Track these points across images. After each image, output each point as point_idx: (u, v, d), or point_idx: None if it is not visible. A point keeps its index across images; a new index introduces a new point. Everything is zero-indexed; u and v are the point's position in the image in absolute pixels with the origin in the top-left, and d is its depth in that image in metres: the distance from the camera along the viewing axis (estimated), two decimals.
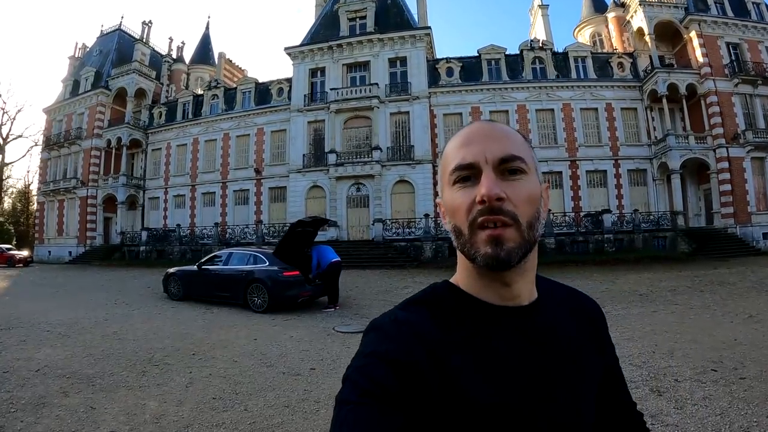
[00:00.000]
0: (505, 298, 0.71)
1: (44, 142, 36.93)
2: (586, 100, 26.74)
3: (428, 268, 19.02)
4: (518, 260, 0.65)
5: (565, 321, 0.78)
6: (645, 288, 11.24)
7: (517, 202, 0.64)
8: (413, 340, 0.65)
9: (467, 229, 0.66)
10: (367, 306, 9.90)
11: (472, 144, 0.68)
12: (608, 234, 21.69)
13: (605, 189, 26.08)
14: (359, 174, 25.21)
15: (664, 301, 9.32)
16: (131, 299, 11.55)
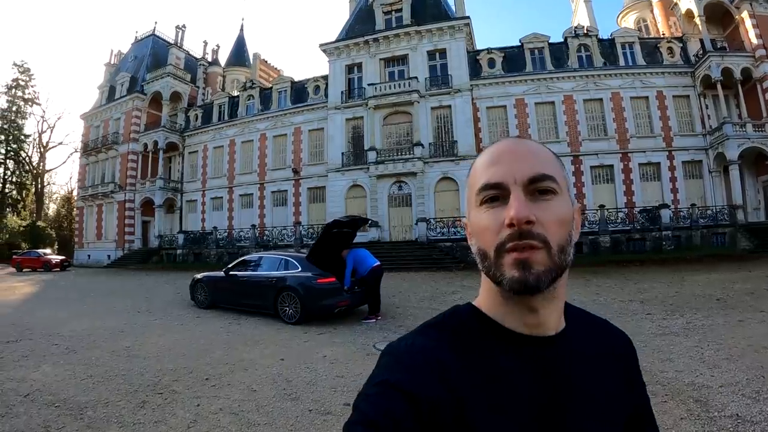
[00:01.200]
0: (531, 326, 0.66)
1: (82, 148, 37.10)
2: (636, 88, 24.95)
3: (476, 270, 17.33)
4: (547, 285, 0.60)
5: (592, 355, 0.72)
6: (719, 291, 9.91)
7: (548, 224, 0.61)
8: (428, 370, 0.61)
9: (493, 252, 0.62)
10: (412, 316, 8.74)
11: (500, 162, 0.65)
12: (666, 231, 20.00)
13: (659, 182, 24.26)
14: (400, 172, 24.01)
15: (746, 307, 8.04)
16: (156, 307, 10.84)
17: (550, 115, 25.08)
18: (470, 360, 0.63)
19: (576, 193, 23.98)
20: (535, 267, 0.59)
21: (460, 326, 0.70)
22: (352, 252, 8.68)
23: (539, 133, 24.78)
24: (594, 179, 24.41)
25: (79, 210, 36.80)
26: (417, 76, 24.89)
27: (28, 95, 49.42)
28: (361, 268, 8.45)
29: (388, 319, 8.42)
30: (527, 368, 0.64)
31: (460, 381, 0.61)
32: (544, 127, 25.07)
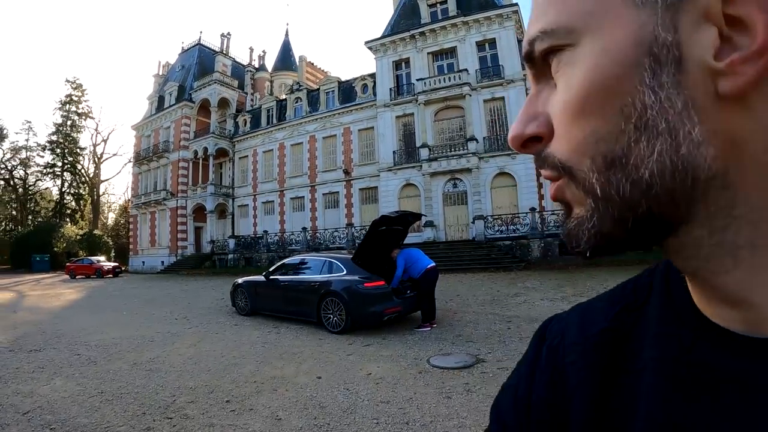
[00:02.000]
0: (739, 321, 0.31)
1: (134, 157, 38.00)
2: None
3: (538, 269, 16.55)
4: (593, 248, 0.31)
5: None
6: None
7: (560, 125, 0.31)
8: (563, 374, 0.41)
9: None
10: (472, 322, 7.77)
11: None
12: None
13: None
14: (455, 168, 22.99)
15: None
16: (195, 313, 10.38)
17: None
18: (641, 366, 0.35)
19: None
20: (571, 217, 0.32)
21: (643, 304, 0.39)
22: (404, 252, 7.79)
23: None
24: None
25: (133, 218, 37.74)
26: (467, 68, 23.81)
27: (81, 110, 51.56)
28: (413, 270, 7.57)
29: (444, 326, 7.51)
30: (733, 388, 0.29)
31: (616, 399, 0.36)
32: None
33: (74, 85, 51.74)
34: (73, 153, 50.65)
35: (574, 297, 9.67)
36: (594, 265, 16.02)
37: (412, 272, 7.53)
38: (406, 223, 8.24)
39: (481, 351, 5.71)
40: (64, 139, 50.08)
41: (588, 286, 11.15)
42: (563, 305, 8.76)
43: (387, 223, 7.64)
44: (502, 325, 7.34)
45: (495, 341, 6.22)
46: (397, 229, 8.12)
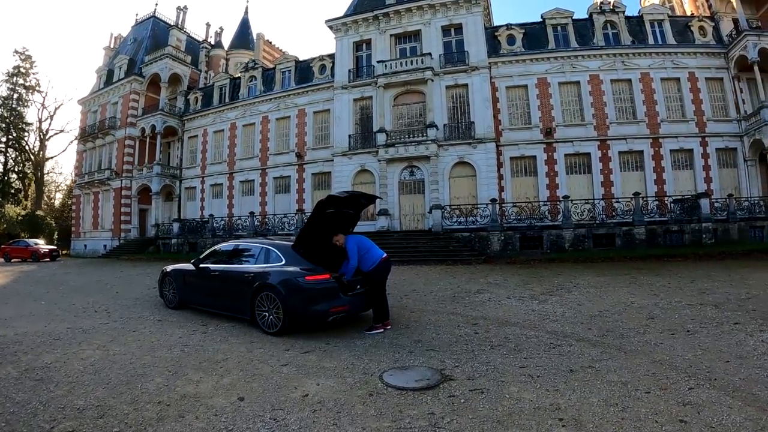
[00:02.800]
0: None
1: (79, 134, 35.25)
2: (667, 69, 22.60)
3: (498, 263, 15.57)
4: None
5: None
6: None
7: None
8: None
9: None
10: (433, 324, 6.52)
11: None
12: (706, 223, 17.53)
13: (691, 171, 22.04)
14: (413, 155, 21.78)
15: None
16: (120, 305, 8.96)
17: (575, 96, 22.70)
18: None
19: (603, 180, 21.70)
20: None
21: None
22: (355, 238, 6.42)
23: (564, 116, 22.45)
24: (623, 166, 22.12)
25: (76, 198, 34.94)
26: (431, 53, 22.65)
27: (29, 83, 47.64)
28: (365, 261, 6.28)
29: (400, 328, 6.26)
30: None
31: None
32: (569, 109, 22.73)
33: (23, 56, 47.74)
34: (18, 128, 46.78)
35: (543, 296, 8.62)
36: (557, 261, 15.24)
37: (364, 263, 6.26)
38: (358, 206, 6.95)
39: (447, 364, 4.52)
40: (10, 113, 46.14)
41: (556, 283, 10.16)
42: (533, 305, 7.73)
43: (335, 205, 6.32)
44: (467, 328, 6.15)
45: (462, 350, 5.05)
46: (347, 212, 6.78)
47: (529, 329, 5.93)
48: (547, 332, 5.73)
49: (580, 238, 17.46)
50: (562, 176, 21.97)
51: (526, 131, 22.49)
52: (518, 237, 17.78)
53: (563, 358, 4.52)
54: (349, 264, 6.14)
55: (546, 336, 5.53)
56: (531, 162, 22.29)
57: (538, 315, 6.84)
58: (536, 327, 6.05)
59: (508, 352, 4.87)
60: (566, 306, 7.46)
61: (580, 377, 3.90)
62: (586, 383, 3.74)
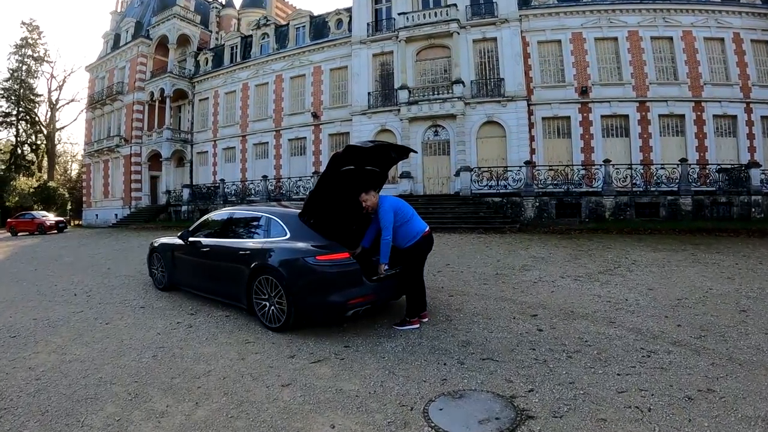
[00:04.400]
0: None
1: (88, 101, 33.63)
2: (711, 28, 20.27)
3: (535, 232, 13.82)
4: None
5: None
6: None
7: None
8: None
9: None
10: (480, 314, 4.98)
11: None
12: (756, 195, 15.38)
13: (734, 139, 19.85)
14: (437, 114, 19.82)
15: None
16: (106, 285, 7.60)
17: (612, 53, 20.41)
18: None
19: (641, 145, 19.64)
20: None
21: None
22: (391, 201, 4.57)
23: (600, 74, 20.22)
24: (663, 130, 19.97)
25: (86, 167, 33.66)
26: (456, 3, 20.39)
27: (37, 54, 46.01)
28: (403, 235, 4.45)
29: (439, 320, 4.73)
30: None
31: None
32: (606, 68, 20.47)
33: (30, 27, 46.08)
34: (28, 100, 45.35)
35: (602, 275, 7.00)
36: (599, 231, 13.28)
37: (400, 238, 4.46)
38: (385, 162, 5.09)
39: (516, 385, 3.11)
40: (20, 85, 44.70)
41: (610, 259, 8.46)
42: (595, 288, 6.15)
43: (355, 160, 4.59)
44: (526, 322, 4.63)
45: (530, 359, 3.60)
46: (370, 170, 5.00)
47: (604, 324, 4.48)
48: (628, 330, 4.28)
49: (622, 207, 15.49)
50: (598, 139, 19.92)
51: (560, 90, 20.35)
52: (554, 204, 15.88)
53: (669, 375, 3.19)
54: (383, 237, 4.32)
55: (631, 336, 4.08)
56: (565, 123, 20.22)
57: (608, 303, 5.33)
58: (612, 321, 4.57)
59: (592, 363, 3.47)
60: (635, 290, 5.94)
61: (706, 410, 2.67)
62: (719, 423, 2.52)
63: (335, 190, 4.63)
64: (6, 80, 44.59)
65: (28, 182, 39.58)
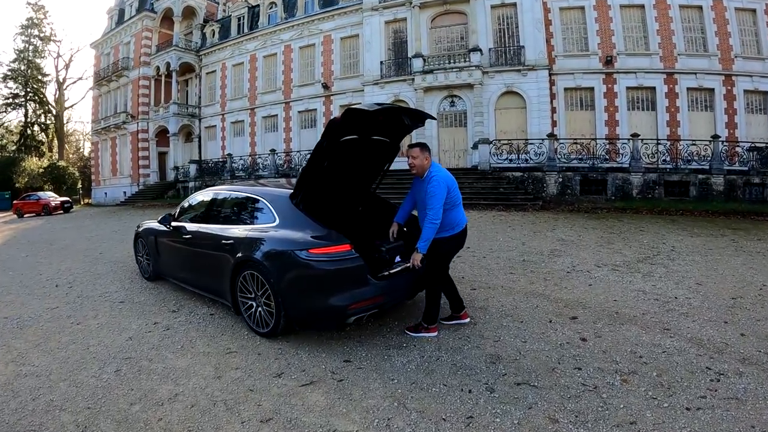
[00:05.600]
0: None
1: (94, 78, 32.64)
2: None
3: (559, 210, 12.70)
4: None
5: None
6: None
7: None
8: None
9: None
10: (510, 316, 4.13)
11: None
12: None
13: (765, 116, 18.43)
14: (453, 83, 18.59)
15: None
16: (92, 274, 6.84)
17: (638, 20, 18.91)
18: None
19: (669, 119, 18.27)
20: None
21: None
22: (444, 173, 3.49)
23: (625, 43, 18.77)
24: (691, 105, 18.55)
25: (94, 145, 32.88)
26: None
27: (44, 33, 44.94)
28: (446, 220, 3.44)
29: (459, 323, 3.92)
30: None
31: None
32: (631, 36, 18.99)
33: (36, 7, 45.03)
34: (36, 80, 44.52)
35: (641, 264, 6.04)
36: (628, 211, 12.10)
37: (447, 225, 3.45)
38: (397, 131, 4.06)
39: (563, 427, 2.32)
40: (27, 65, 43.83)
41: (646, 244, 7.43)
42: (637, 280, 5.22)
43: (359, 128, 3.69)
44: (566, 329, 3.74)
45: (576, 386, 2.76)
46: (379, 141, 4.08)
47: (658, 332, 3.60)
48: (687, 340, 3.43)
49: (650, 185, 14.23)
50: (623, 112, 18.59)
51: (583, 59, 18.97)
52: (578, 179, 14.68)
53: (748, 410, 2.39)
54: (430, 219, 3.27)
55: (692, 350, 3.23)
56: (588, 94, 18.88)
57: (655, 301, 4.40)
58: (667, 328, 3.69)
59: (653, 390, 2.65)
60: (682, 285, 4.99)
61: None
62: None
63: (334, 165, 3.74)
64: (13, 61, 43.83)
65: (38, 163, 38.91)
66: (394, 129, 3.99)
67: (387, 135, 4.08)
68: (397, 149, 4.33)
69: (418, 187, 3.53)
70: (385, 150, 4.24)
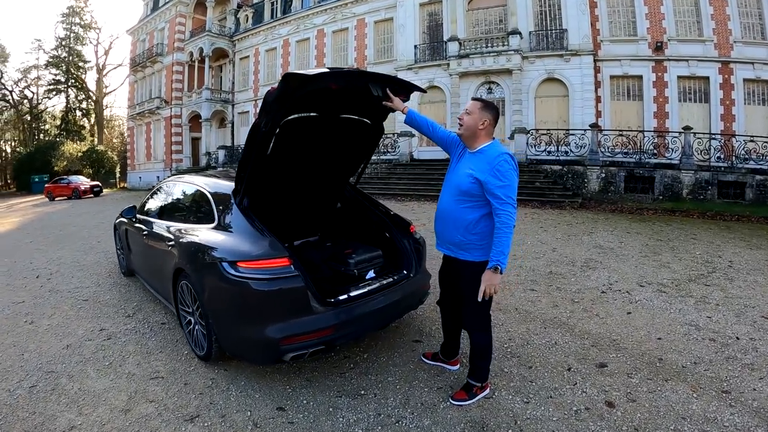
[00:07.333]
0: None
1: (130, 65, 32.78)
2: None
3: (600, 210, 11.40)
4: None
5: None
6: None
7: None
8: None
9: None
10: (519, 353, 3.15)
11: None
12: None
13: None
14: (491, 69, 17.41)
15: None
16: (73, 267, 6.37)
17: (691, 4, 17.22)
18: None
19: (723, 112, 16.55)
20: None
21: None
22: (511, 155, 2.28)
23: (677, 27, 17.10)
24: (747, 97, 16.80)
25: (129, 130, 33.12)
26: None
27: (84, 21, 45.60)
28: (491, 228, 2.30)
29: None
30: None
31: None
32: (683, 21, 17.31)
33: None
34: (77, 67, 45.31)
35: (693, 284, 4.79)
36: (677, 213, 10.72)
37: (479, 233, 2.36)
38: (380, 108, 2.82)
39: None
40: (68, 53, 44.61)
41: (699, 257, 6.07)
42: (688, 308, 4.03)
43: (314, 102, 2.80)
44: (588, 383, 2.71)
45: None
46: (356, 121, 3.20)
47: (713, 395, 2.55)
48: (752, 412, 2.36)
49: (702, 184, 12.64)
50: (674, 103, 16.99)
51: (631, 44, 17.42)
52: (623, 176, 13.27)
53: None
54: (503, 216, 2.15)
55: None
56: (636, 83, 17.36)
57: (711, 343, 3.28)
58: (725, 388, 2.62)
59: None
60: (744, 318, 3.79)
61: None
62: None
63: (286, 151, 2.94)
64: (54, 48, 44.73)
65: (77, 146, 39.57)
66: (372, 105, 2.92)
67: (364, 113, 3.15)
68: (381, 131, 3.36)
69: (463, 164, 2.38)
70: (367, 133, 3.32)
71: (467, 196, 2.29)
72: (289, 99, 2.43)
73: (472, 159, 2.32)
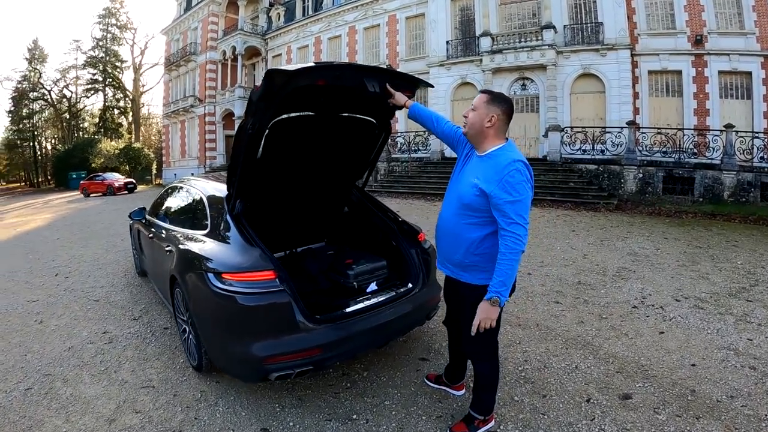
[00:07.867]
0: None
1: (164, 64, 33.68)
2: None
3: (636, 213, 10.91)
4: None
5: None
6: None
7: None
8: None
9: None
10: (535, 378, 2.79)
11: None
12: None
13: None
14: (524, 64, 17.15)
15: None
16: (92, 265, 6.50)
17: None
18: None
19: (766, 109, 15.78)
20: None
21: None
22: (523, 160, 1.89)
23: (717, 20, 16.45)
24: None
25: (165, 128, 34.07)
26: None
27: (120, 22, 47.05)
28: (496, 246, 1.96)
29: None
30: None
31: None
32: (724, 13, 16.61)
33: None
34: (114, 66, 46.83)
35: (733, 299, 4.33)
36: (718, 217, 10.11)
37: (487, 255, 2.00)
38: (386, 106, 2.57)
39: None
40: (105, 53, 46.14)
41: (740, 267, 5.55)
42: (729, 330, 3.56)
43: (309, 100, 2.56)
44: (609, 419, 2.35)
45: None
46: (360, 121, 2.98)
47: None
48: None
49: (744, 186, 11.97)
50: (714, 100, 16.32)
51: (669, 38, 16.87)
52: (661, 176, 12.78)
53: None
54: (508, 238, 1.80)
55: None
56: (675, 78, 16.78)
57: (752, 372, 2.85)
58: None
59: None
60: None
61: None
62: None
63: (278, 154, 2.76)
64: (91, 49, 46.28)
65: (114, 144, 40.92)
66: (376, 103, 2.63)
67: (368, 112, 2.91)
68: (389, 132, 3.19)
69: (469, 170, 2.03)
70: (373, 134, 3.13)
71: (470, 210, 1.95)
72: (275, 97, 2.26)
73: (479, 165, 1.97)
